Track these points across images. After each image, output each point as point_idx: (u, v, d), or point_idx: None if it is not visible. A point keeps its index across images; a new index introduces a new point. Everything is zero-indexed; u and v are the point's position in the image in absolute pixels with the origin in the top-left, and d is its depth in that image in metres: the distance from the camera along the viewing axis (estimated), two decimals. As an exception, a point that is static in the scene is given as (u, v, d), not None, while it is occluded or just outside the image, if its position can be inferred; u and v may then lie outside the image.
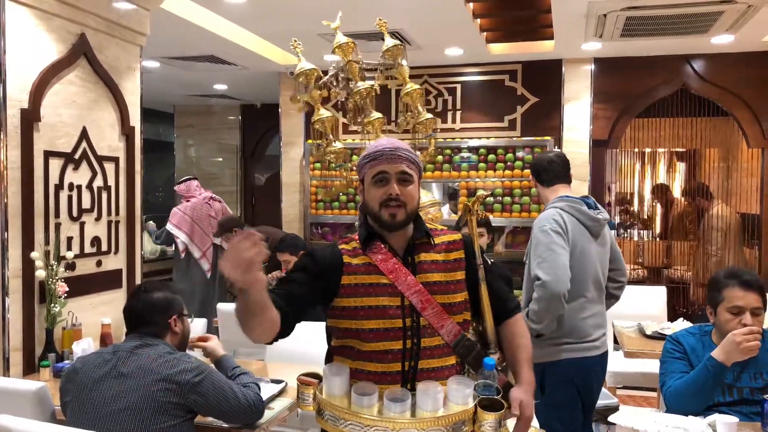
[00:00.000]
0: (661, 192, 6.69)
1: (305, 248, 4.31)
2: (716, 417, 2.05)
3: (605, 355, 2.84)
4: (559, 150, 3.11)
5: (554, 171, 2.87)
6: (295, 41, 3.19)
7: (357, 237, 1.82)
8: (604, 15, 4.23)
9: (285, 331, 1.68)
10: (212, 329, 4.06)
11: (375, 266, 1.74)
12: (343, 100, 3.20)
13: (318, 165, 6.02)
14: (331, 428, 1.67)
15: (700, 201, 5.93)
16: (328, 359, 1.83)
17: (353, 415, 1.61)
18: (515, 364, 1.83)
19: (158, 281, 2.46)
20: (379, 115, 3.16)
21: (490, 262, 1.93)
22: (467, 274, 1.82)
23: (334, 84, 3.14)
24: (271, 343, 1.70)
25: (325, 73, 3.26)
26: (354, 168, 1.90)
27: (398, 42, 3.07)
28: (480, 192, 2.12)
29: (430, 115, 3.11)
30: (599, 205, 2.85)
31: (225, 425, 2.18)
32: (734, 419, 2.02)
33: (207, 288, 5.63)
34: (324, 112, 3.16)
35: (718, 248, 5.64)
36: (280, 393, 2.51)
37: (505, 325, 1.88)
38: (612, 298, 2.96)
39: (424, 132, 3.08)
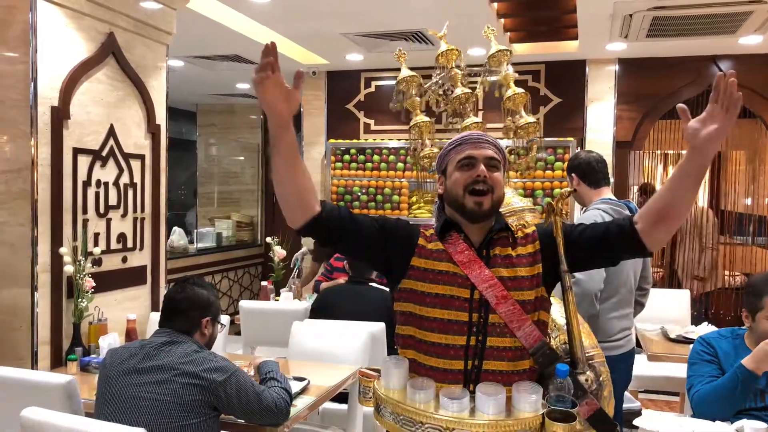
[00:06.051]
0: (648, 193, 6.16)
1: None
2: (744, 423, 2.02)
3: (630, 353, 2.83)
4: (594, 150, 3.02)
5: (601, 172, 2.88)
6: (400, 50, 3.11)
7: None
8: (630, 15, 4.18)
9: (323, 226, 1.60)
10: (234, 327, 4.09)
11: (448, 254, 1.65)
12: (442, 107, 3.08)
13: (339, 165, 6.10)
14: (387, 424, 1.60)
15: (645, 198, 5.73)
16: (390, 349, 1.76)
17: (407, 410, 1.52)
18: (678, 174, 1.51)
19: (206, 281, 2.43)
20: (476, 119, 3.01)
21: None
22: (545, 267, 1.66)
23: (434, 90, 3.02)
24: (302, 231, 1.60)
25: (427, 78, 3.10)
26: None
27: (503, 48, 2.93)
28: (563, 190, 1.95)
29: (532, 119, 2.94)
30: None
31: (249, 423, 2.19)
32: (763, 425, 1.98)
33: None
34: (422, 118, 3.03)
35: (713, 241, 5.58)
36: (303, 391, 2.52)
37: (640, 218, 1.57)
38: (637, 305, 2.95)
39: (526, 137, 2.95)
